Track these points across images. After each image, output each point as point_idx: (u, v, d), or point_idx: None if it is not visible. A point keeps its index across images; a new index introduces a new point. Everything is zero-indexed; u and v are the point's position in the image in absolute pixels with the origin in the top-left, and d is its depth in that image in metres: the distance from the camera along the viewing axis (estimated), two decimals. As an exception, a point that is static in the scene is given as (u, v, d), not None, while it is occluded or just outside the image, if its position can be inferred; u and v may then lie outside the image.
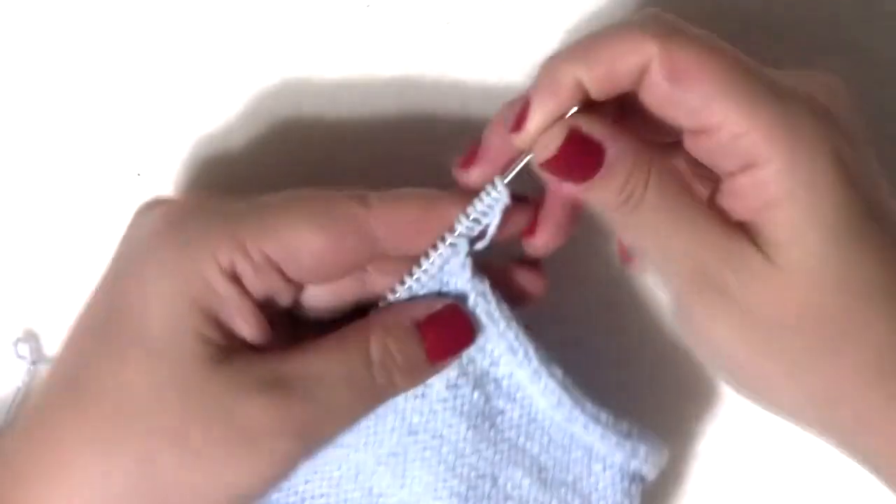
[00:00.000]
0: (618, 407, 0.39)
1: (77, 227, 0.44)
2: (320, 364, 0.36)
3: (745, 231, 0.34)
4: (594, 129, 0.34)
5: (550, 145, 0.34)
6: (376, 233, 0.36)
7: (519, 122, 0.35)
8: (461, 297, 0.38)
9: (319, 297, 0.38)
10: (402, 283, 0.38)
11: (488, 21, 0.44)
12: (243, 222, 0.36)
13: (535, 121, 0.35)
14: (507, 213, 0.37)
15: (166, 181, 0.45)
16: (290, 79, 0.44)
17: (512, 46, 0.44)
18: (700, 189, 0.36)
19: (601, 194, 0.35)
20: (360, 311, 0.39)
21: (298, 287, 0.38)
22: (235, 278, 0.35)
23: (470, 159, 0.38)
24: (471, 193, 0.38)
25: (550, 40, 0.44)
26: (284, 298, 0.37)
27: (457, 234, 0.38)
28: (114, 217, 0.39)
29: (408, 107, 0.45)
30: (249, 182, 0.38)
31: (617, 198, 0.35)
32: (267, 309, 0.37)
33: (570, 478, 0.39)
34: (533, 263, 0.40)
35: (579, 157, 0.34)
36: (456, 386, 0.39)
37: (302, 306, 0.38)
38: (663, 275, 0.37)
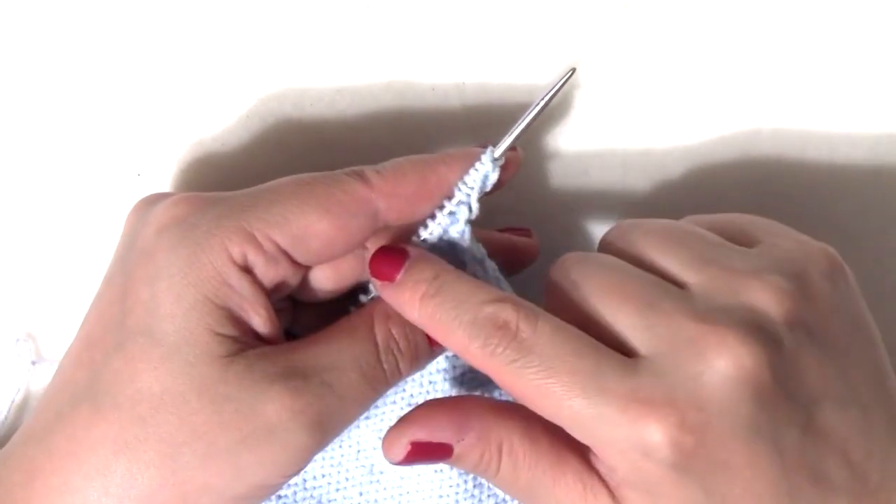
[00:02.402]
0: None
1: (77, 228, 0.44)
2: (331, 353, 0.36)
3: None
4: (435, 435, 0.36)
5: (397, 443, 0.36)
6: (378, 206, 0.36)
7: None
8: (459, 267, 0.38)
9: (323, 279, 0.38)
10: None
11: (488, 21, 0.44)
12: (251, 213, 0.36)
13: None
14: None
15: (166, 182, 0.45)
16: (289, 79, 0.45)
17: (512, 46, 0.44)
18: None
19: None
20: (361, 289, 0.39)
21: (305, 271, 0.38)
22: (247, 270, 0.35)
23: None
24: (465, 154, 0.38)
25: (550, 40, 0.44)
26: (292, 283, 0.37)
27: (455, 202, 0.38)
28: (114, 218, 0.39)
29: (408, 107, 0.45)
30: (249, 184, 0.38)
31: (473, 470, 0.36)
32: (274, 296, 0.37)
33: None
34: (523, 230, 0.42)
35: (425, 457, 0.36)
36: (455, 356, 0.39)
37: (305, 289, 0.39)
38: None
